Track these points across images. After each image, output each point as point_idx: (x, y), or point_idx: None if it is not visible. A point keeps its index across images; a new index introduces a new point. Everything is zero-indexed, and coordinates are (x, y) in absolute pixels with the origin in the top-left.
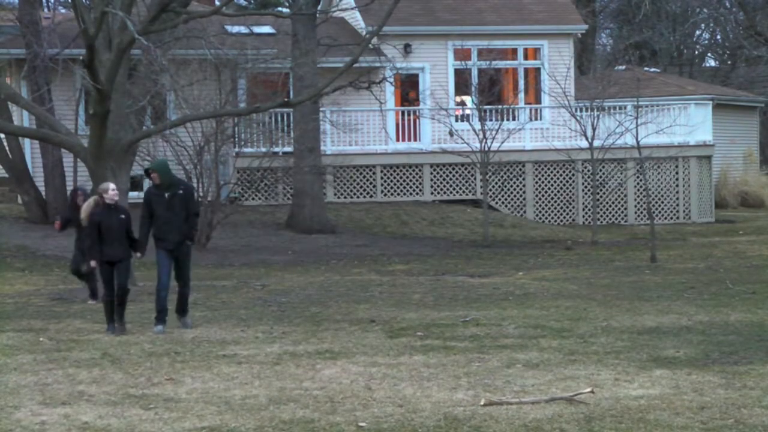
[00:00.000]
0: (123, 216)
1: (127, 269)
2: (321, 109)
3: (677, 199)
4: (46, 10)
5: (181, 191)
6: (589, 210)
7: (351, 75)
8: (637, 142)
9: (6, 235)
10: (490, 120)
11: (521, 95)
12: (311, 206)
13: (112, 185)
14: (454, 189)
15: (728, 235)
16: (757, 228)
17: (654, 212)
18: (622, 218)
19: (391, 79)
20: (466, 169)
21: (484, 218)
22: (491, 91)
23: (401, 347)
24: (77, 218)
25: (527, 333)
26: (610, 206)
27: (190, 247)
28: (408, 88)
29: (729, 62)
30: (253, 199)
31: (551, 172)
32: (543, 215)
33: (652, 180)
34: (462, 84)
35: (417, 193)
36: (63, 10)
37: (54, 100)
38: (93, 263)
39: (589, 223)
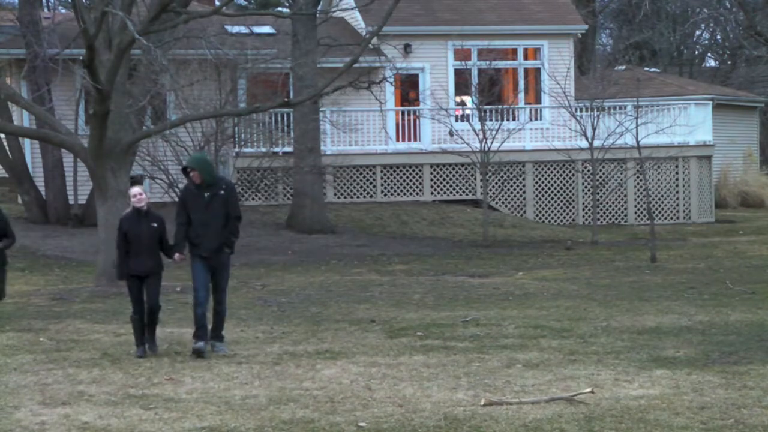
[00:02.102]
0: (155, 224)
1: (158, 285)
2: (321, 109)
3: (677, 199)
4: (46, 10)
5: (222, 191)
6: (589, 210)
7: (351, 75)
8: (637, 142)
9: None
10: (490, 120)
11: (521, 95)
12: (311, 206)
13: (135, 188)
14: (454, 189)
15: (728, 235)
16: (757, 228)
17: (654, 212)
18: (622, 218)
19: (391, 79)
20: (466, 169)
21: (484, 218)
22: (491, 91)
23: (401, 347)
24: None
25: (527, 333)
26: (610, 206)
27: (229, 256)
28: (408, 88)
29: (729, 62)
30: (253, 199)
31: (551, 172)
32: (543, 215)
33: (652, 180)
34: (462, 84)
35: (417, 193)
36: (63, 10)
37: (54, 100)
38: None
39: (589, 223)
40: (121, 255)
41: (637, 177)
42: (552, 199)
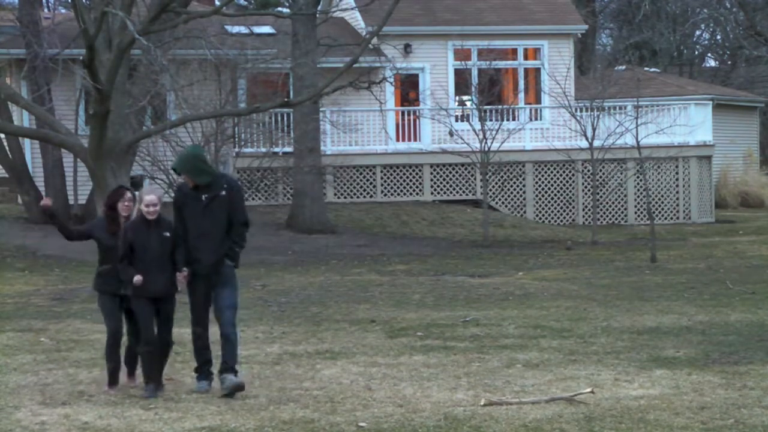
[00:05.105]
0: (167, 233)
1: (172, 313)
2: (321, 109)
3: (677, 199)
4: (46, 10)
5: (224, 192)
6: (589, 210)
7: (351, 75)
8: (637, 142)
9: (6, 235)
10: (490, 120)
11: (521, 95)
12: (311, 206)
13: (152, 197)
14: (454, 189)
15: (728, 235)
16: (757, 228)
17: (654, 212)
18: (622, 218)
19: (391, 79)
20: (466, 169)
21: (484, 218)
22: (491, 91)
23: (401, 347)
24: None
25: (527, 333)
26: (610, 206)
27: (233, 269)
28: (408, 88)
29: (729, 62)
30: (253, 199)
31: (551, 172)
32: (543, 215)
33: (652, 180)
34: (462, 84)
35: (417, 193)
36: (63, 10)
37: (54, 100)
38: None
39: (589, 223)
40: (125, 265)
41: (637, 177)
42: (552, 199)
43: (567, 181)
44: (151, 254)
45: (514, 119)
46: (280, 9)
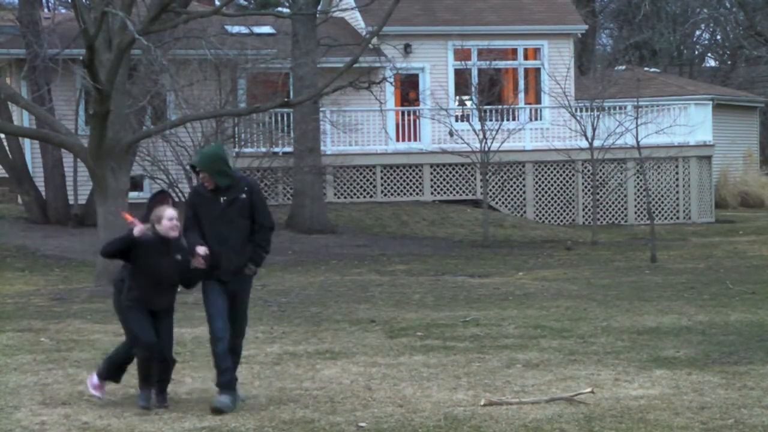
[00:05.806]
0: (179, 257)
1: (171, 328)
2: (321, 109)
3: (677, 199)
4: (46, 10)
5: (244, 195)
6: (589, 210)
7: (351, 75)
8: (637, 142)
9: (6, 235)
10: (490, 120)
11: (521, 95)
12: (311, 206)
13: (169, 212)
14: (454, 189)
15: (728, 235)
16: (757, 228)
17: (654, 212)
18: (622, 218)
19: (391, 79)
20: (466, 169)
21: (484, 218)
22: (491, 91)
23: (401, 347)
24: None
25: (527, 333)
26: (610, 206)
27: (251, 279)
28: (408, 88)
29: (729, 62)
30: None
31: (551, 172)
32: (543, 215)
33: (652, 180)
34: (462, 84)
35: (417, 193)
36: (63, 10)
37: (54, 100)
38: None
39: (589, 223)
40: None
41: (637, 177)
42: (552, 199)
43: (567, 181)
44: (159, 275)
45: (514, 119)
46: (280, 9)
